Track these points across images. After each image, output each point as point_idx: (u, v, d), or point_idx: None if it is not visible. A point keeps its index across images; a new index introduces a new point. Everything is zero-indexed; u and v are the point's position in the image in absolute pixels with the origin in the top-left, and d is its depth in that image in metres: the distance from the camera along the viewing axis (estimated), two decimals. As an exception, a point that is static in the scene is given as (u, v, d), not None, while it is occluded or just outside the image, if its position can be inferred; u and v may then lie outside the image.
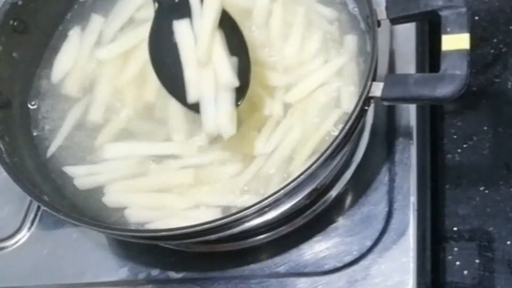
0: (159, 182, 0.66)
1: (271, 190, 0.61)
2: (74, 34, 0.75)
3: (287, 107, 0.66)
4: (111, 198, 0.66)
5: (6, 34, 0.70)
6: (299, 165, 0.63)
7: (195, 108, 0.63)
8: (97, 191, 0.67)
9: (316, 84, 0.67)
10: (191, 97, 0.63)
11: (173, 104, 0.67)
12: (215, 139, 0.65)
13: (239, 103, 0.62)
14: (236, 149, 0.65)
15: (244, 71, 0.63)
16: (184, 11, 0.66)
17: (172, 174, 0.66)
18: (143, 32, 0.69)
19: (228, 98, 0.62)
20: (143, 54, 0.68)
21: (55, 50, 0.75)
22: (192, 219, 0.60)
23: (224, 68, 0.62)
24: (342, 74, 0.67)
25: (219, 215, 0.61)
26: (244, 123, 0.65)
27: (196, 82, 0.63)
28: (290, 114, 0.66)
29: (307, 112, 0.66)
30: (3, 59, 0.70)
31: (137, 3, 0.74)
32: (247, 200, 0.63)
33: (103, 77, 0.71)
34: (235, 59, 0.64)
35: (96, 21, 0.75)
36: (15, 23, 0.71)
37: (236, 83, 0.62)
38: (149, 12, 0.69)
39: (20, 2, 0.71)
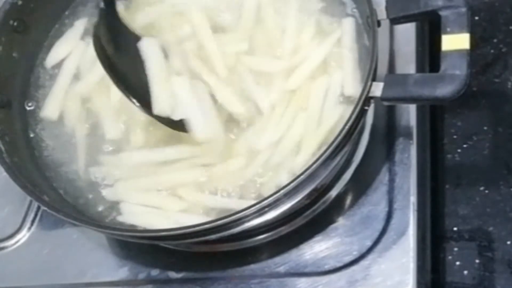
0: (170, 181, 0.66)
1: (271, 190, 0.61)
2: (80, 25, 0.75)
3: (289, 96, 0.66)
4: (112, 192, 0.66)
5: (6, 34, 0.70)
6: (307, 159, 0.62)
7: (157, 116, 0.65)
8: (96, 191, 0.67)
9: (315, 64, 0.66)
10: (157, 110, 0.64)
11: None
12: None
13: None
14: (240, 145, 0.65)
15: None
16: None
17: (184, 173, 0.66)
18: None
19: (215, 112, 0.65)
20: None
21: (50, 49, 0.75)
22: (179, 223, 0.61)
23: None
24: (342, 59, 0.66)
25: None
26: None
27: (164, 97, 0.65)
28: (293, 104, 0.66)
29: (310, 101, 0.65)
30: (3, 59, 0.70)
31: None
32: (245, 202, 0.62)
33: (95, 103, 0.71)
34: None
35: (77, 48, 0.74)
36: (15, 23, 0.71)
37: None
38: None
39: (20, 2, 0.71)
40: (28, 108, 0.72)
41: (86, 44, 0.73)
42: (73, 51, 0.74)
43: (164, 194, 0.65)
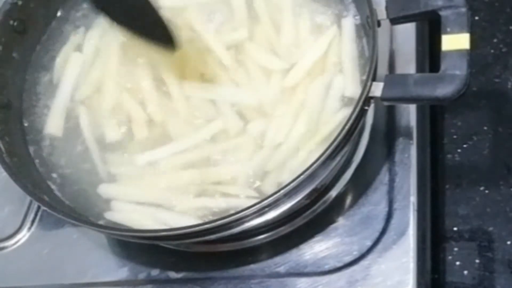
0: (167, 180, 0.66)
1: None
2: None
3: (289, 94, 0.66)
4: (106, 190, 0.66)
5: (6, 34, 0.70)
6: (306, 156, 0.63)
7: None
8: (96, 192, 0.67)
9: (313, 60, 0.66)
10: None
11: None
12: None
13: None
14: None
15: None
16: None
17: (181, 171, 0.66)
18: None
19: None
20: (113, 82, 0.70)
21: (50, 49, 0.75)
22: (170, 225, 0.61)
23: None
24: (341, 59, 0.66)
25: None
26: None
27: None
28: (294, 101, 0.66)
29: (310, 99, 0.65)
30: (3, 59, 0.70)
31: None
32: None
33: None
34: None
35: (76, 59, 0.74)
36: (15, 23, 0.71)
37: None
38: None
39: (20, 2, 0.71)
40: (29, 108, 0.72)
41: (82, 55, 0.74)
42: (69, 64, 0.73)
43: (159, 194, 0.65)
